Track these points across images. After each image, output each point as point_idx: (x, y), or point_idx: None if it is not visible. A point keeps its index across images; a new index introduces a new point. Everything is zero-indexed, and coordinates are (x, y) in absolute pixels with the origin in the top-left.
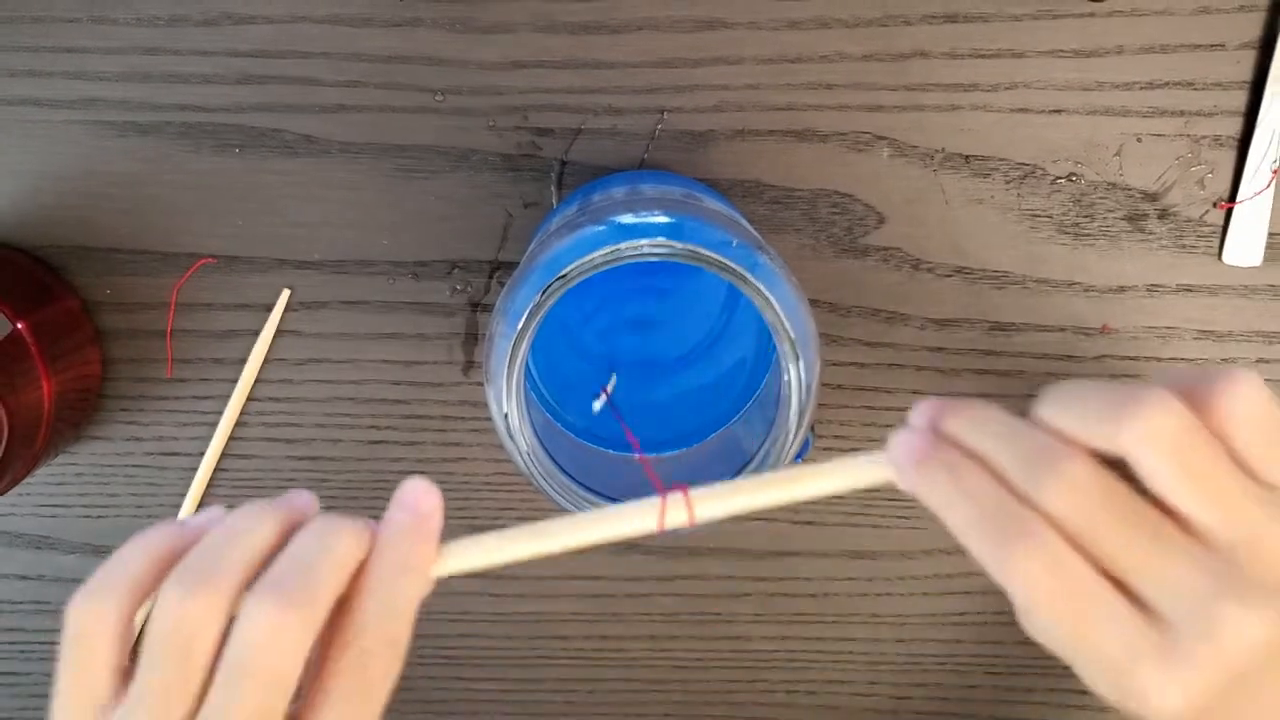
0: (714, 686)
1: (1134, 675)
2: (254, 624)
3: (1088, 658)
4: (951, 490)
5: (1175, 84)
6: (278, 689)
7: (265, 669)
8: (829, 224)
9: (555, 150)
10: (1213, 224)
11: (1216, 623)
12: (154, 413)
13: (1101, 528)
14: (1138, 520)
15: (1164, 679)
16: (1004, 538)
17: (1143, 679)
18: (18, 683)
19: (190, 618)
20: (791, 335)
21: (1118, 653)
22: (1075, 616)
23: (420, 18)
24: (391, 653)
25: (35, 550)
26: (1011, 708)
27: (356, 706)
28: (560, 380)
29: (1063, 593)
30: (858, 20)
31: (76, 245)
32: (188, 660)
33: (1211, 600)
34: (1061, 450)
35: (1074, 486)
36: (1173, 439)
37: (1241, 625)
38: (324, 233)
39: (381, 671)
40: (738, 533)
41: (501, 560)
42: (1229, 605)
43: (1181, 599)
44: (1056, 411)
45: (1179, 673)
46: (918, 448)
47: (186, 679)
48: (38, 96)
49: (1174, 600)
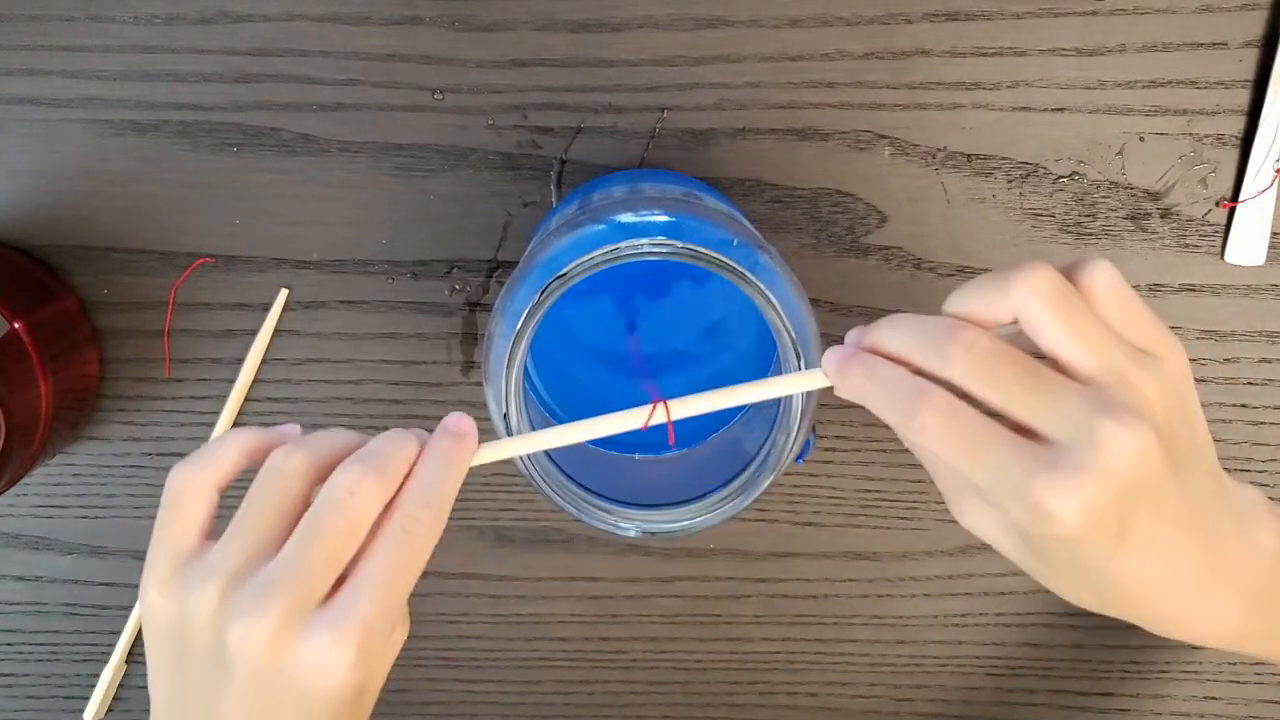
0: (714, 688)
1: (1030, 488)
2: (341, 479)
3: (991, 488)
4: (868, 382)
5: (1178, 82)
6: (352, 530)
7: (348, 509)
8: (830, 223)
9: (555, 149)
10: (1215, 223)
11: (1097, 434)
12: (152, 413)
13: (994, 377)
14: (1025, 368)
15: (1057, 488)
16: (908, 406)
17: (1038, 490)
18: (15, 684)
19: (288, 470)
20: (792, 335)
21: (1015, 471)
22: (971, 450)
23: (419, 15)
24: (433, 521)
25: (33, 551)
26: (1013, 709)
27: (397, 557)
28: (559, 380)
29: (960, 434)
30: (859, 18)
31: (74, 244)
32: (283, 499)
33: (1091, 418)
34: (958, 324)
35: (969, 348)
36: (1053, 291)
37: (1119, 437)
38: (322, 232)
39: (423, 534)
40: (738, 534)
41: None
42: (1107, 421)
43: (1066, 421)
44: (957, 299)
45: (1070, 479)
46: (840, 358)
47: (280, 514)
48: (35, 95)
49: (1059, 424)
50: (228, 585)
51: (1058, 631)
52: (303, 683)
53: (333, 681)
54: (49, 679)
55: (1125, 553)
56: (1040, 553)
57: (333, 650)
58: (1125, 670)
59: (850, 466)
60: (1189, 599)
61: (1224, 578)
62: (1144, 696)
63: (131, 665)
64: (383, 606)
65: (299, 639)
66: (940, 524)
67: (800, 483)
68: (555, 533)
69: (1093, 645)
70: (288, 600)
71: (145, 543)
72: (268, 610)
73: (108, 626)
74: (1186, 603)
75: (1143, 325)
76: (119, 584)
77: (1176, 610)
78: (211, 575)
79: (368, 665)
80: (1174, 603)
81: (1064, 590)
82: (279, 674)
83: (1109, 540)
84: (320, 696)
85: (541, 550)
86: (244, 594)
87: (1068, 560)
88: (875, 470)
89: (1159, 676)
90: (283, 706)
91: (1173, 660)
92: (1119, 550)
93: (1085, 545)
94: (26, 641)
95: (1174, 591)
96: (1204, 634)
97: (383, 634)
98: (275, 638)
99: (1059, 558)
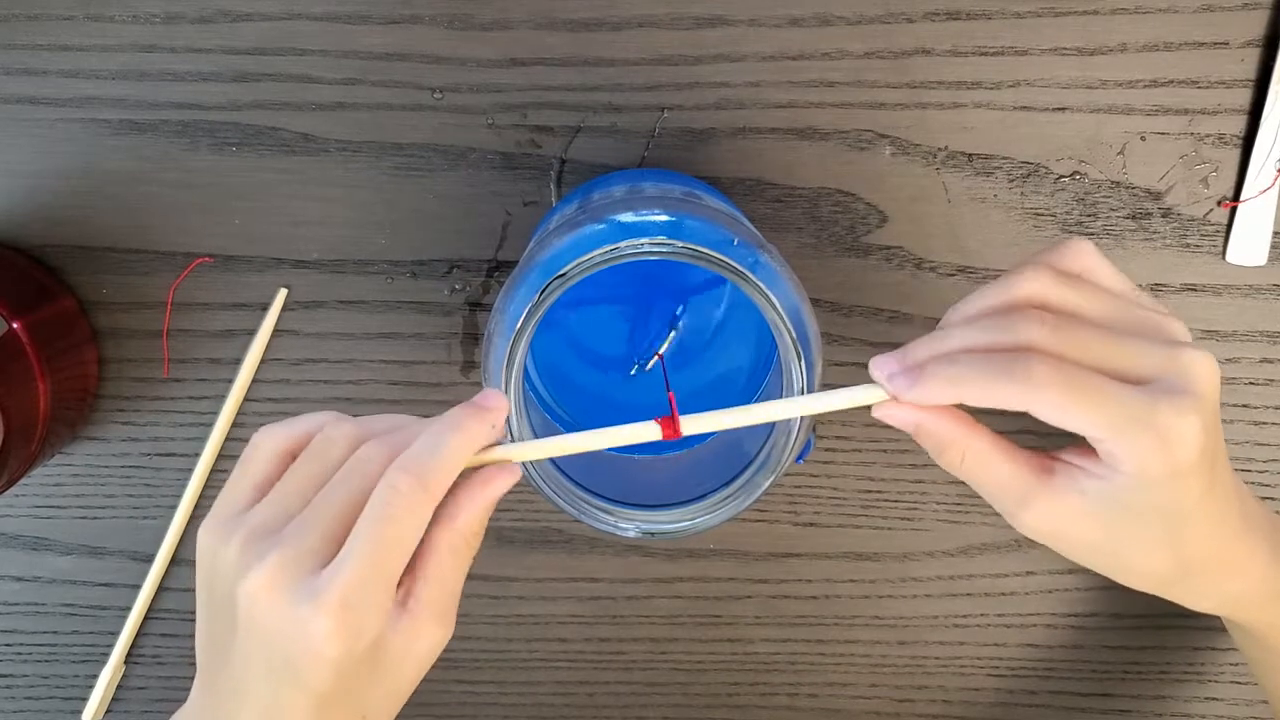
0: (715, 689)
1: (1157, 415)
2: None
3: (1110, 428)
4: (954, 369)
5: (1179, 82)
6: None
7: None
8: (831, 223)
9: (555, 148)
10: (1217, 223)
11: (1185, 362)
12: (150, 413)
13: (1074, 337)
14: (1094, 326)
15: (1181, 409)
16: (1012, 370)
17: (1164, 416)
18: (14, 684)
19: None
20: (793, 335)
21: (1138, 404)
22: (1091, 393)
23: (418, 14)
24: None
25: (31, 551)
26: (1014, 710)
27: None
28: (559, 380)
29: (1078, 380)
30: (860, 17)
31: (73, 244)
32: (322, 464)
33: (1174, 349)
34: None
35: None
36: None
37: (1202, 359)
38: (321, 231)
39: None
40: (739, 534)
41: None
42: (1187, 349)
43: (1153, 358)
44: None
45: (1186, 400)
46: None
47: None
48: (34, 95)
49: (1148, 362)
50: (248, 538)
51: (1059, 632)
52: (289, 645)
53: (311, 647)
54: (47, 679)
55: (1214, 489)
56: (1135, 515)
57: (312, 619)
58: (1126, 671)
59: (851, 467)
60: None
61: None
62: (1145, 698)
63: (130, 666)
64: (362, 578)
65: (288, 603)
66: (941, 525)
67: (801, 483)
68: (555, 533)
69: (1093, 646)
70: (284, 556)
71: (144, 543)
72: (267, 564)
73: (106, 627)
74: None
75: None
76: (118, 584)
77: (1231, 554)
78: (239, 528)
79: (351, 638)
80: (1231, 546)
81: (1137, 563)
82: (270, 631)
83: (1207, 471)
84: (309, 667)
85: (541, 550)
86: (254, 549)
87: (1165, 510)
88: (876, 471)
89: (1160, 678)
90: (276, 660)
91: (1174, 661)
92: (1212, 486)
93: (1191, 479)
94: (25, 642)
95: (1231, 533)
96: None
97: (371, 607)
98: (267, 595)
99: (1158, 508)
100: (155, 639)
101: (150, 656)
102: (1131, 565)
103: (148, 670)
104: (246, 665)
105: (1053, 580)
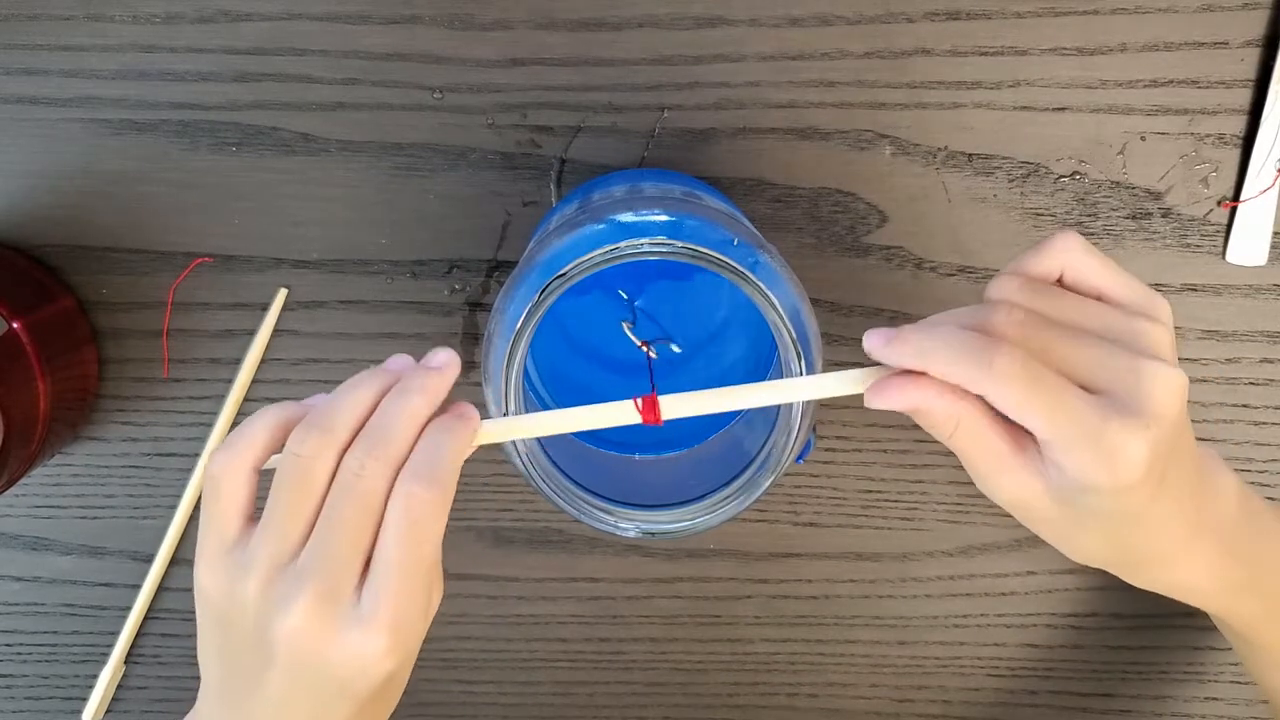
0: (715, 689)
1: (1106, 432)
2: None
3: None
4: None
5: (1179, 82)
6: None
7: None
8: (831, 223)
9: (555, 148)
10: (1217, 223)
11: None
12: (150, 413)
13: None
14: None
15: (1130, 430)
16: (978, 355)
17: (1113, 433)
18: (14, 684)
19: (305, 454)
20: (793, 335)
21: (1091, 418)
22: (1049, 395)
23: (418, 14)
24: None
25: (31, 552)
26: (1014, 710)
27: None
28: (559, 380)
29: (1039, 379)
30: (860, 17)
31: (73, 244)
32: (305, 484)
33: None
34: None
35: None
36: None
37: (1167, 378)
38: (321, 231)
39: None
40: (739, 534)
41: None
42: (1151, 364)
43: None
44: None
45: (1139, 421)
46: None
47: (304, 500)
48: (34, 94)
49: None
50: (266, 576)
51: (1059, 632)
52: (342, 671)
53: (371, 670)
54: (47, 680)
55: (1162, 497)
56: (1081, 509)
57: (367, 642)
58: (1126, 671)
59: (851, 467)
60: (1186, 542)
61: (1204, 519)
62: (1144, 698)
63: (130, 666)
64: (404, 588)
65: (336, 632)
66: (941, 525)
67: (801, 483)
68: (555, 533)
69: (1093, 646)
70: (319, 590)
71: (143, 543)
72: (302, 603)
73: (106, 627)
74: (1184, 545)
75: (1124, 283)
76: (117, 584)
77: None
78: (251, 566)
79: (403, 645)
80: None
81: (1083, 547)
82: (319, 663)
83: (1154, 485)
84: (360, 681)
85: (541, 550)
86: (280, 586)
87: (1109, 512)
88: (876, 471)
89: (1160, 677)
90: (325, 688)
91: (1174, 661)
92: (1158, 495)
93: (1136, 491)
94: (25, 642)
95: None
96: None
97: (414, 611)
98: (312, 629)
99: (1101, 510)
100: (155, 639)
101: (150, 656)
102: (1078, 548)
103: (148, 670)
104: (289, 693)
105: (1053, 580)
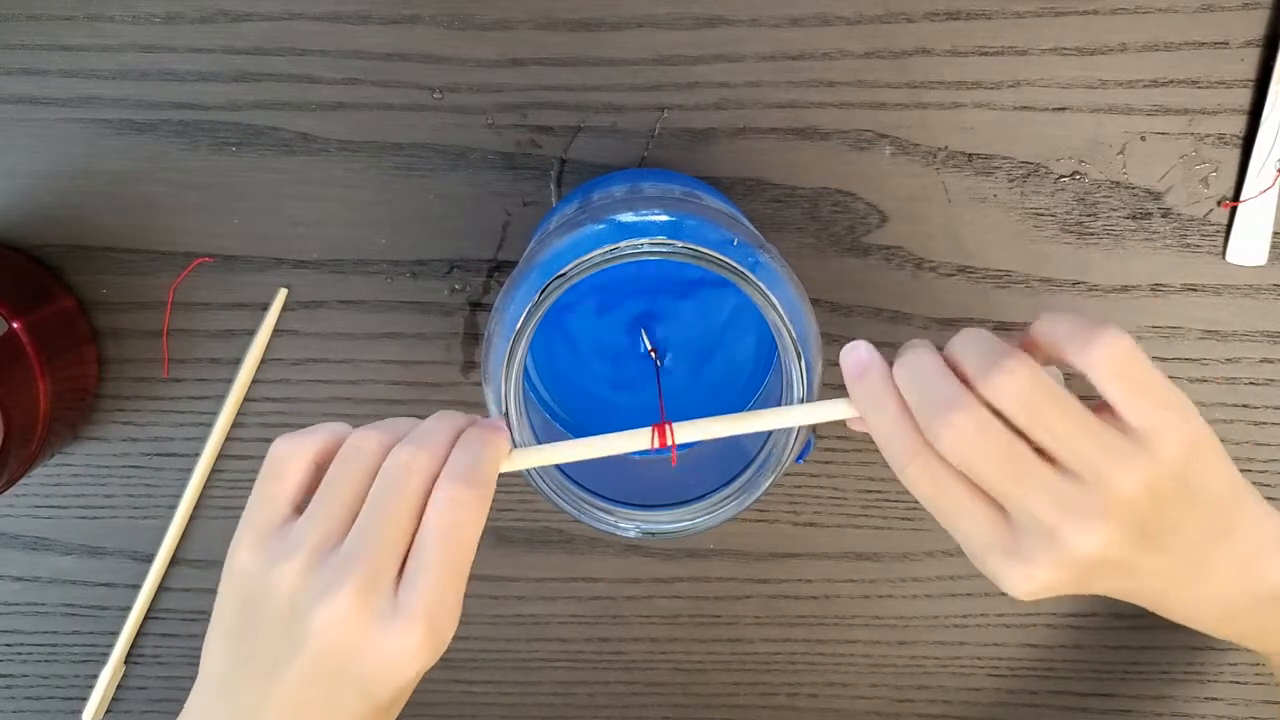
0: (715, 689)
1: (986, 560)
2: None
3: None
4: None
5: (1179, 82)
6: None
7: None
8: (831, 223)
9: (555, 148)
10: (1217, 223)
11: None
12: (150, 413)
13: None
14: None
15: (1009, 570)
16: (908, 446)
17: (994, 565)
18: (14, 685)
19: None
20: (793, 335)
21: (980, 540)
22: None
23: (418, 14)
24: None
25: (31, 551)
26: (1014, 710)
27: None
28: (559, 380)
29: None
30: (860, 17)
31: (73, 244)
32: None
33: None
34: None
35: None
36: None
37: (1074, 542)
38: (321, 231)
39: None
40: (739, 534)
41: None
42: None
43: (1031, 516)
44: None
45: (1020, 569)
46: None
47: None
48: (34, 95)
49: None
50: (309, 560)
51: (1058, 632)
52: (372, 669)
53: (401, 671)
54: (47, 680)
55: (1090, 588)
56: None
57: (402, 636)
58: (1126, 671)
59: (851, 467)
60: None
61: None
62: (1145, 698)
63: (130, 666)
64: (442, 586)
65: (373, 624)
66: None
67: (801, 483)
68: (555, 533)
69: (1093, 646)
70: (361, 578)
71: (143, 543)
72: (345, 591)
73: (106, 627)
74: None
75: (1144, 403)
76: (117, 584)
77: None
78: (296, 550)
79: (434, 644)
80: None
81: None
82: (349, 655)
83: (1072, 589)
84: (387, 683)
85: (541, 550)
86: (322, 574)
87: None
88: (876, 471)
89: (1160, 677)
90: (343, 687)
91: (1174, 661)
92: (1085, 588)
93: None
94: (25, 642)
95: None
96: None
97: (448, 612)
98: (350, 619)
99: None
100: (155, 639)
101: (150, 656)
102: None
103: (148, 670)
104: (307, 687)
105: None
